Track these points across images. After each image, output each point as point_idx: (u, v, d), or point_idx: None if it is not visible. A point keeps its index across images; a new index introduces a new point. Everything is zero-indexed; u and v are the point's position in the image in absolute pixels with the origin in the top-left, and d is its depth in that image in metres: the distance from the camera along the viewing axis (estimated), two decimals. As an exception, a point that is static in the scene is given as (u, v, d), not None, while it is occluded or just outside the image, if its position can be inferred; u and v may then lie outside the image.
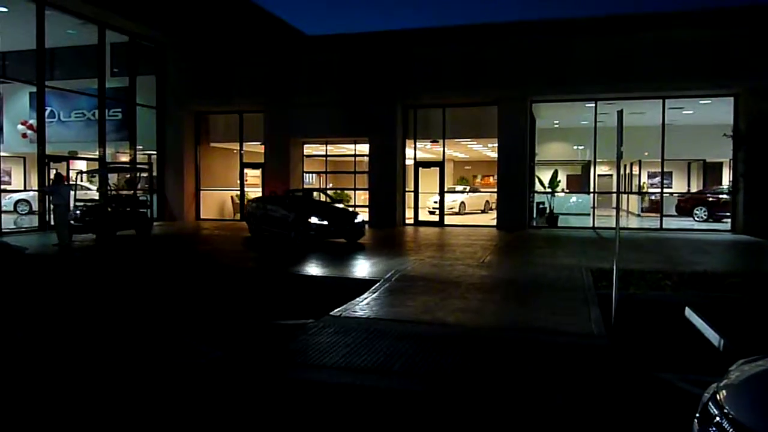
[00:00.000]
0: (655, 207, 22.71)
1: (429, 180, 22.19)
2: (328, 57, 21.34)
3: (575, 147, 24.83)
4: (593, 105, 19.67)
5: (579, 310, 7.91)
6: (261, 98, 21.74)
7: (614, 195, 25.13)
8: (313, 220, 15.20)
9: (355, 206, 21.97)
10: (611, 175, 29.24)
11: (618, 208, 8.12)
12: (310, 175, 25.48)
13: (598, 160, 20.90)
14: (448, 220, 21.89)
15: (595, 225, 20.16)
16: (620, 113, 7.56)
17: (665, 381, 5.27)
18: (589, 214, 21.34)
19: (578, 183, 28.15)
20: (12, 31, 18.09)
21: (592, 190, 22.99)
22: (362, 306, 8.19)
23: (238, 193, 23.63)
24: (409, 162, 21.93)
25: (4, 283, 10.17)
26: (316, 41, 23.43)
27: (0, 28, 16.72)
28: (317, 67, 21.30)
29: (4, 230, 17.04)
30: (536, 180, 21.13)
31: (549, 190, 21.27)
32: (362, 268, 11.82)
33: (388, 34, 21.65)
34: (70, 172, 20.06)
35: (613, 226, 8.26)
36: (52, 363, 5.78)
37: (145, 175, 21.17)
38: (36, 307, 8.34)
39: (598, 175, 24.12)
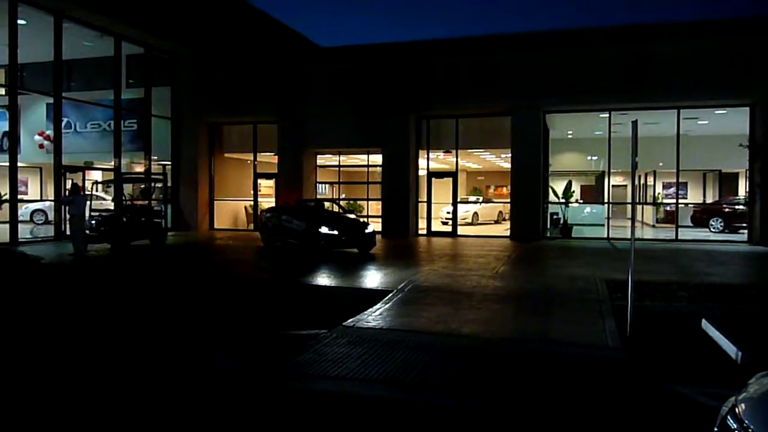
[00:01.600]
0: (670, 218, 22.54)
1: (442, 190, 22.19)
2: (341, 68, 21.48)
3: (589, 157, 24.74)
4: (607, 115, 19.60)
5: (594, 321, 7.85)
6: (275, 109, 21.90)
7: (629, 206, 25.00)
8: (324, 230, 15.26)
9: (368, 216, 22.04)
10: (625, 186, 29.07)
11: (633, 219, 8.07)
12: (323, 185, 25.57)
13: (612, 170, 20.80)
14: (461, 230, 21.87)
15: (610, 236, 20.02)
16: (635, 124, 7.54)
17: (682, 394, 5.21)
18: (603, 225, 21.21)
19: (592, 193, 27.99)
20: (30, 43, 18.38)
21: (606, 200, 22.86)
22: (375, 316, 8.17)
23: (252, 203, 23.76)
24: (422, 172, 21.96)
25: (20, 292, 10.28)
26: (330, 53, 23.59)
27: (19, 41, 16.97)
28: (331, 78, 21.44)
29: (20, 240, 17.23)
30: (550, 190, 21.05)
31: (563, 200, 21.17)
32: (375, 278, 11.82)
33: (402, 45, 21.78)
34: (86, 182, 20.28)
35: (628, 237, 8.22)
36: (67, 370, 5.82)
37: (159, 185, 21.34)
38: (52, 315, 8.41)
39: (613, 186, 24.00)
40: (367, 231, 15.75)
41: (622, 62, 18.60)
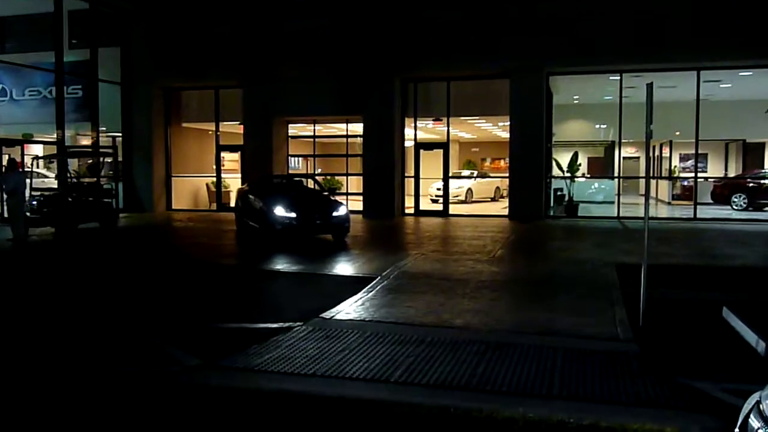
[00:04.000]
0: (688, 194, 22.70)
1: (431, 164, 22.14)
2: (315, 23, 21.19)
3: (598, 126, 24.79)
4: (618, 78, 19.60)
5: (602, 310, 7.92)
6: (239, 72, 21.63)
7: (642, 180, 25.13)
8: (278, 212, 14.15)
9: (347, 194, 21.97)
10: (638, 158, 29.20)
11: (647, 195, 8.11)
12: (296, 158, 25.42)
13: (623, 140, 20.85)
14: (453, 209, 21.91)
15: (620, 214, 20.16)
16: (650, 87, 7.53)
17: (700, 390, 5.27)
18: (613, 202, 21.34)
19: (601, 167, 28.12)
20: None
21: (616, 174, 22.97)
22: (356, 307, 8.18)
23: (214, 180, 23.57)
24: (409, 143, 21.89)
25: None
26: (302, 5, 23.17)
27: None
28: (303, 35, 21.17)
29: (-51, 224, 16.99)
30: (554, 163, 21.08)
31: (568, 174, 21.24)
32: (356, 263, 11.82)
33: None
34: (25, 157, 19.98)
35: (641, 215, 8.27)
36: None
37: (109, 160, 21.08)
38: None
39: (624, 158, 24.10)
40: (336, 214, 14.50)
41: (634, 17, 18.54)
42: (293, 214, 14.05)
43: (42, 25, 20.91)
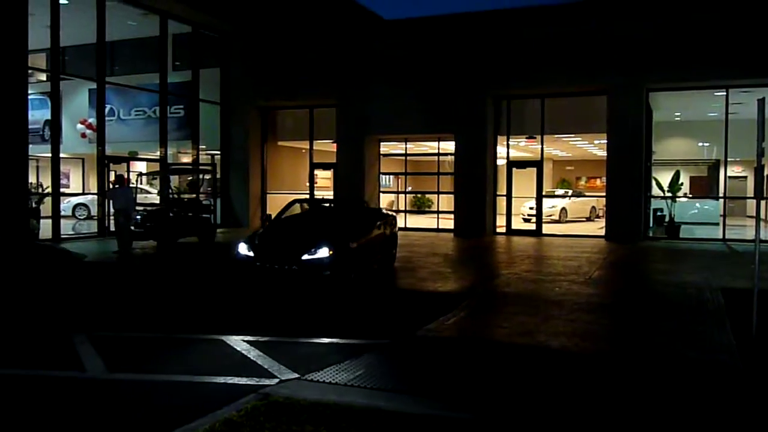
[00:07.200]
0: (801, 215, 21.47)
1: (524, 182, 21.90)
2: (408, 43, 21.48)
3: (701, 144, 23.84)
4: (723, 93, 18.85)
5: (708, 336, 7.60)
6: (333, 91, 22.14)
7: (750, 201, 23.98)
8: (241, 247, 11.18)
9: (438, 212, 21.98)
10: (745, 178, 27.87)
11: (758, 217, 7.74)
12: (388, 176, 25.69)
13: (728, 159, 19.97)
14: (546, 228, 21.54)
15: (726, 236, 19.24)
16: (762, 102, 7.24)
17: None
18: (717, 224, 20.41)
19: (704, 186, 26.99)
20: (72, 24, 19.21)
21: (721, 194, 21.99)
22: (449, 325, 8.17)
23: (308, 196, 24.10)
24: (501, 161, 21.74)
25: (64, 291, 10.84)
26: (395, 26, 23.61)
27: (60, 22, 17.75)
28: (396, 55, 21.48)
29: (62, 236, 18.10)
30: (653, 182, 20.45)
31: (669, 194, 20.52)
32: (448, 281, 11.79)
33: (477, 15, 21.53)
34: (130, 173, 21.09)
35: (748, 237, 7.90)
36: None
37: (208, 177, 21.91)
38: (96, 317, 8.82)
39: (729, 177, 23.07)
40: (308, 257, 10.58)
41: (739, 29, 17.79)
42: (251, 253, 10.97)
43: (147, 49, 22.11)
